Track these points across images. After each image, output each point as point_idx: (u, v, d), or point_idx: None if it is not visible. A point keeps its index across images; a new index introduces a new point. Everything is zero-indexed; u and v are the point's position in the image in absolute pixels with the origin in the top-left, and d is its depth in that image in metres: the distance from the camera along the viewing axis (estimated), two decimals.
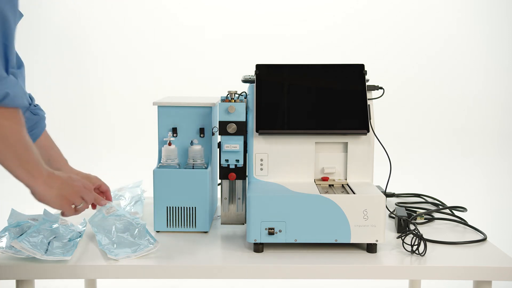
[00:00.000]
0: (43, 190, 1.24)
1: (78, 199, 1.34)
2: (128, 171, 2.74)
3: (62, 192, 1.29)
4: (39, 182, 1.22)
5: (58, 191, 1.28)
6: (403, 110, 3.27)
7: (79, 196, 1.34)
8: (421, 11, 3.27)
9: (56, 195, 1.27)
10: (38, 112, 1.54)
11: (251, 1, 3.24)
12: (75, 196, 1.33)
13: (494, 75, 3.29)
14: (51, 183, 1.25)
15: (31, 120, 1.51)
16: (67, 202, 1.31)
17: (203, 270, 1.34)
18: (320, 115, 1.50)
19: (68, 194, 1.30)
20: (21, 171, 1.18)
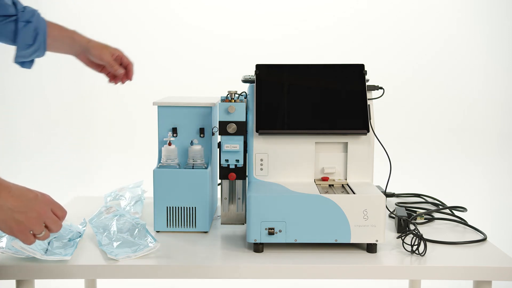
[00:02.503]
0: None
1: (38, 227, 1.09)
2: (128, 171, 2.75)
3: (16, 215, 1.05)
4: None
5: (11, 214, 1.05)
6: (403, 110, 3.27)
7: (41, 222, 1.09)
8: (421, 11, 3.27)
9: (6, 219, 1.05)
10: (29, 19, 1.41)
11: (251, 1, 3.24)
12: (34, 223, 1.08)
13: (494, 75, 3.29)
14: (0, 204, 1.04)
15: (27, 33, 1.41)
16: (22, 229, 1.07)
17: (203, 270, 1.34)
18: (320, 115, 1.50)
19: (24, 218, 1.06)
20: None
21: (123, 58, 1.59)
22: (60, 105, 3.09)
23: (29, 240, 1.09)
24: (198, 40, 3.02)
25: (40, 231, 1.10)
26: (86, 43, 1.55)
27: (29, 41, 1.45)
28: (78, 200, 1.92)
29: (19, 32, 1.43)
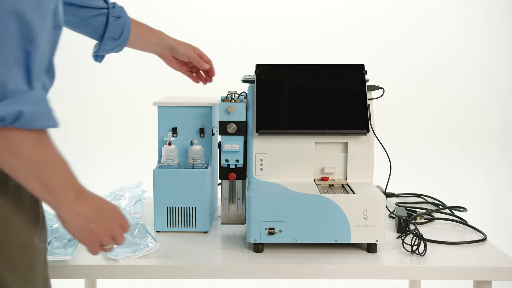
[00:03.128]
0: (67, 216, 1.01)
1: (108, 239, 1.09)
2: (128, 171, 2.75)
3: (91, 225, 1.04)
4: (63, 205, 0.99)
5: (87, 222, 1.03)
6: (403, 110, 3.28)
7: (110, 234, 1.09)
8: (420, 10, 3.27)
9: (82, 226, 1.03)
10: (119, 14, 1.47)
11: (251, 1, 3.24)
12: (105, 234, 1.07)
13: (495, 74, 3.29)
14: (78, 209, 1.01)
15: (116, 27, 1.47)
16: (94, 238, 1.06)
17: (203, 270, 1.34)
18: (320, 115, 1.50)
19: (98, 228, 1.05)
20: (41, 191, 0.97)
21: (203, 55, 1.64)
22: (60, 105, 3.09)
23: (97, 251, 1.09)
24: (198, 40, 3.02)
25: (108, 243, 1.09)
26: (173, 43, 1.60)
27: (115, 35, 1.50)
28: None
29: (109, 26, 1.48)
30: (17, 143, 0.90)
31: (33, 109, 0.90)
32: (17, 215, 1.00)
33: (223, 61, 2.91)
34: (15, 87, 0.88)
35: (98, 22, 1.49)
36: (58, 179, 0.97)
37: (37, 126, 0.91)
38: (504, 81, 3.29)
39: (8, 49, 0.87)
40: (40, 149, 0.93)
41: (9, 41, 0.87)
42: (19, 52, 0.89)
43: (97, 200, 1.06)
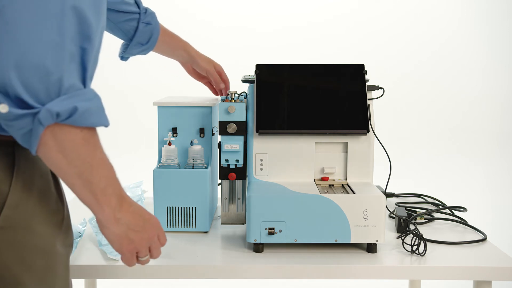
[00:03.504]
0: (107, 222, 0.99)
1: (145, 250, 1.06)
2: (128, 171, 2.74)
3: (130, 233, 1.01)
4: (105, 209, 0.97)
5: (126, 230, 1.01)
6: (403, 110, 3.28)
7: (148, 246, 1.06)
8: (420, 10, 3.27)
9: (121, 234, 1.01)
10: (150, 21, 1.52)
11: (251, 1, 3.24)
12: (143, 245, 1.05)
13: (495, 74, 3.29)
14: (119, 216, 0.99)
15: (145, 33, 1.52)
16: (131, 249, 1.04)
17: (203, 270, 1.34)
18: (320, 115, 1.50)
19: (136, 238, 1.03)
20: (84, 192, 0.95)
21: (222, 73, 1.71)
22: None
23: (132, 262, 1.06)
24: (198, 40, 3.02)
25: (145, 255, 1.07)
26: (196, 56, 1.68)
27: (143, 41, 1.57)
28: (78, 200, 1.91)
29: (138, 31, 1.54)
30: (68, 141, 0.88)
31: (87, 106, 0.88)
32: (40, 218, 0.99)
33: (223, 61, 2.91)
34: (70, 83, 0.87)
35: (129, 27, 1.54)
36: (103, 182, 0.95)
37: (90, 124, 0.90)
38: (504, 81, 3.29)
39: (66, 45, 0.86)
40: (89, 149, 0.92)
41: (67, 37, 0.86)
42: (76, 48, 0.88)
43: (138, 209, 1.04)
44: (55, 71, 0.85)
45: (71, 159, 0.90)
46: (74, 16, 0.86)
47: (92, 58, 0.92)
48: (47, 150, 0.88)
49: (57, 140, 0.87)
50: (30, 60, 0.83)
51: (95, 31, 0.90)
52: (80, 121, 0.88)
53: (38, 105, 0.84)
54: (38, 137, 0.86)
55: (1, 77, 0.82)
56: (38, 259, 0.99)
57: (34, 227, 0.98)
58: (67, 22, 0.85)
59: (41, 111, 0.84)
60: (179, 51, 1.67)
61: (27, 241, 0.97)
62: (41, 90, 0.84)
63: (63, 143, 0.88)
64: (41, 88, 0.84)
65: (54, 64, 0.85)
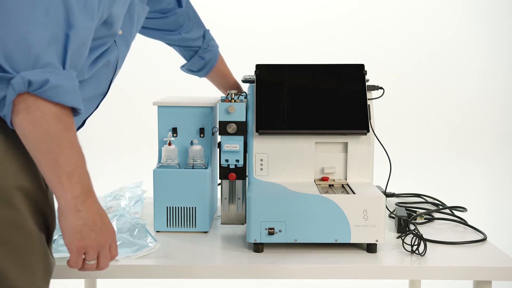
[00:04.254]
0: (67, 211, 1.00)
1: (93, 254, 1.06)
2: (128, 171, 2.75)
3: (84, 230, 1.02)
4: (67, 195, 0.99)
5: (82, 225, 1.02)
6: (403, 110, 3.28)
7: (97, 250, 1.07)
8: (420, 11, 3.27)
9: (76, 227, 1.01)
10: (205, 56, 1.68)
11: (251, 1, 3.24)
12: (94, 247, 1.05)
13: (495, 75, 3.29)
14: (80, 207, 1.00)
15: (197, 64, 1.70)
16: (80, 246, 1.04)
17: (203, 270, 1.34)
18: (320, 115, 1.50)
19: (89, 238, 1.03)
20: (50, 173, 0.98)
21: None
22: None
23: (78, 263, 1.06)
24: None
25: (92, 258, 1.07)
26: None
27: (194, 68, 1.75)
28: None
29: (192, 60, 1.73)
30: (39, 112, 0.94)
31: (59, 83, 0.94)
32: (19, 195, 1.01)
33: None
34: (48, 61, 0.94)
35: (187, 54, 1.74)
36: (70, 166, 0.98)
37: (60, 100, 0.95)
38: (504, 81, 3.29)
39: (51, 26, 0.94)
40: (60, 127, 0.96)
41: (53, 20, 0.94)
42: (60, 32, 0.95)
43: (100, 211, 1.05)
44: (36, 47, 0.93)
45: (40, 132, 0.94)
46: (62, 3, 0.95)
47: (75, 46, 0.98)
48: (20, 120, 0.94)
49: (29, 110, 0.93)
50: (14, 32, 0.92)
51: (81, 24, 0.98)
52: (51, 95, 0.93)
53: (13, 72, 0.92)
54: (11, 103, 0.92)
55: None
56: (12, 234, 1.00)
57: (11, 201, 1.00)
58: (54, 7, 0.94)
59: (15, 77, 0.91)
60: (223, 90, 1.80)
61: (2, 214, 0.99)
62: (20, 61, 0.92)
63: (35, 114, 0.93)
64: (20, 60, 0.92)
65: (36, 41, 0.93)
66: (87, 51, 1.04)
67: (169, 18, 1.63)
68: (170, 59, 1.86)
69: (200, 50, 1.71)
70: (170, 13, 1.62)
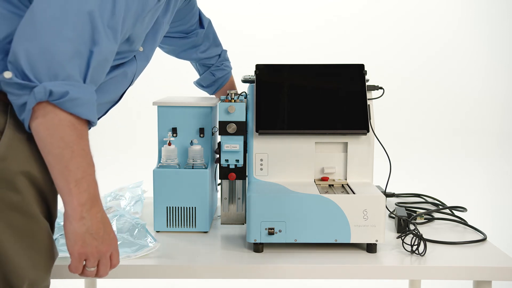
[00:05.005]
0: (71, 215, 1.03)
1: (94, 261, 1.09)
2: (128, 171, 2.75)
3: (87, 237, 1.05)
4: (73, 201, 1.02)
5: (85, 232, 1.05)
6: (403, 110, 3.28)
7: (98, 258, 1.09)
8: (422, 11, 3.26)
9: (79, 234, 1.04)
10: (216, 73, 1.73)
11: (252, 2, 3.24)
12: (94, 255, 1.08)
13: (495, 75, 3.29)
14: (85, 214, 1.04)
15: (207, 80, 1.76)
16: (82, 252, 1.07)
17: (203, 270, 1.34)
18: (320, 115, 1.50)
19: (91, 245, 1.06)
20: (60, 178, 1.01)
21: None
22: None
23: (78, 268, 1.09)
24: None
25: (92, 265, 1.10)
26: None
27: (204, 84, 1.80)
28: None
29: (202, 75, 1.79)
30: (56, 120, 0.99)
31: (79, 95, 1.00)
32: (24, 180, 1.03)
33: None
34: (70, 74, 0.99)
35: (200, 69, 1.80)
36: (79, 173, 1.02)
37: (77, 112, 1.00)
38: (504, 82, 3.29)
39: (76, 41, 1.00)
40: (74, 134, 1.01)
41: (79, 36, 1.00)
42: (84, 48, 1.01)
43: (104, 220, 1.08)
44: (59, 59, 0.98)
45: (55, 139, 0.99)
46: (88, 20, 1.00)
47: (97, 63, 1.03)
48: (37, 124, 0.98)
49: (46, 117, 0.98)
50: (41, 44, 0.97)
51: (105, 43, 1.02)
52: (69, 106, 0.98)
53: (36, 81, 0.97)
54: (31, 109, 0.98)
55: (15, 53, 0.97)
56: (16, 218, 1.02)
57: (17, 185, 1.02)
58: (81, 24, 1.00)
59: (38, 86, 0.96)
60: None
61: (7, 197, 1.01)
62: (43, 72, 0.97)
63: (52, 121, 0.98)
64: (44, 69, 0.97)
65: (60, 53, 0.98)
66: (108, 68, 1.09)
67: (189, 39, 1.69)
68: (171, 59, 1.86)
69: (212, 67, 1.77)
70: (191, 33, 1.68)
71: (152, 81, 3.06)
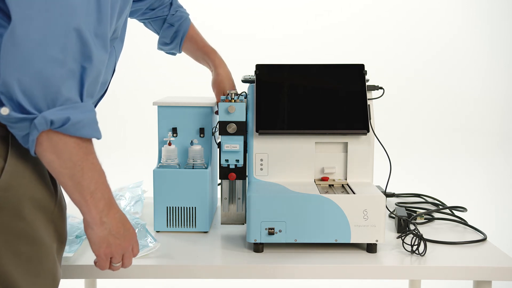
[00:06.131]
0: (92, 222, 1.08)
1: (119, 257, 1.15)
2: (128, 171, 2.75)
3: (110, 238, 1.11)
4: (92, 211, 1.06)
5: (108, 234, 1.10)
6: (403, 110, 3.28)
7: (122, 253, 1.15)
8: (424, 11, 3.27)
9: (103, 237, 1.10)
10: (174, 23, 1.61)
11: (252, 1, 3.24)
12: (118, 251, 1.14)
13: (495, 75, 3.29)
14: (104, 219, 1.08)
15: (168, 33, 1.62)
16: (107, 252, 1.13)
17: (203, 270, 1.34)
18: (320, 115, 1.50)
19: (115, 244, 1.12)
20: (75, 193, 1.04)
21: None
22: None
23: (106, 266, 1.15)
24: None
25: (118, 261, 1.16)
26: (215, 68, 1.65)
27: (167, 40, 1.67)
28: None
29: (162, 31, 1.67)
30: (61, 144, 0.98)
31: (80, 118, 0.98)
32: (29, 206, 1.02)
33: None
34: (68, 96, 0.96)
35: (157, 25, 1.68)
36: (92, 185, 1.03)
37: (81, 134, 0.99)
38: (505, 82, 3.29)
39: (68, 62, 0.95)
40: (81, 153, 1.00)
41: (69, 56, 0.95)
42: (76, 66, 0.97)
43: (122, 218, 1.13)
44: (54, 84, 0.94)
45: (63, 161, 0.98)
46: (76, 37, 0.95)
47: (91, 78, 1.00)
48: (43, 150, 0.97)
49: (51, 143, 0.97)
50: (33, 72, 0.93)
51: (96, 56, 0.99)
52: (72, 130, 0.97)
53: (35, 112, 0.94)
54: (34, 140, 0.96)
55: (6, 84, 0.92)
56: (23, 246, 1.02)
57: (23, 213, 1.01)
58: (70, 42, 0.95)
59: (37, 118, 0.94)
60: (203, 63, 1.70)
61: (14, 226, 1.01)
62: (40, 100, 0.94)
63: (57, 146, 0.97)
64: (40, 98, 0.94)
65: (54, 78, 0.94)
66: (101, 77, 1.07)
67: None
68: (171, 59, 1.86)
69: (168, 17, 1.65)
70: None
71: (152, 81, 3.07)
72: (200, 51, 1.68)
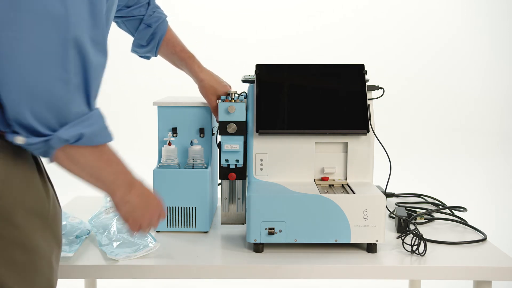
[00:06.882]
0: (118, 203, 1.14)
1: (146, 224, 1.23)
2: None
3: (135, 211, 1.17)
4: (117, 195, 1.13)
5: (133, 210, 1.17)
6: (403, 110, 3.28)
7: (149, 221, 1.22)
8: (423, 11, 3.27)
9: (128, 212, 1.16)
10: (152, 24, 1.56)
11: (252, 1, 3.24)
12: (145, 221, 1.21)
13: (495, 75, 3.29)
14: (127, 199, 1.14)
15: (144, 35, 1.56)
16: (135, 223, 1.20)
17: (203, 270, 1.34)
18: (320, 115, 1.50)
19: (140, 215, 1.19)
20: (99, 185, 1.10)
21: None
22: None
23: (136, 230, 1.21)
24: (198, 40, 3.02)
25: (146, 227, 1.22)
26: (196, 75, 1.62)
27: (143, 42, 1.61)
28: (78, 200, 1.92)
29: (137, 32, 1.60)
30: (78, 155, 1.02)
31: (92, 130, 1.00)
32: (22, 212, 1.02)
33: (223, 61, 2.91)
34: (77, 111, 0.98)
35: (132, 25, 1.61)
36: (111, 176, 1.09)
37: (95, 143, 1.03)
38: (504, 82, 3.29)
39: (71, 78, 0.95)
40: (96, 157, 1.05)
41: (71, 72, 0.95)
42: (80, 79, 0.97)
43: (144, 192, 1.18)
44: (64, 103, 0.96)
45: (81, 166, 1.04)
46: (75, 49, 0.94)
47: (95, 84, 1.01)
48: (60, 162, 1.02)
49: (68, 156, 1.01)
50: (39, 95, 0.93)
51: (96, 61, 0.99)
52: (86, 142, 1.01)
53: (49, 132, 0.96)
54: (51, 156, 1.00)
55: (15, 111, 0.93)
56: (18, 254, 1.01)
57: (16, 220, 1.00)
58: (69, 57, 0.94)
59: (52, 139, 0.96)
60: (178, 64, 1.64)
61: (6, 234, 1.00)
62: (51, 120, 0.95)
63: (74, 157, 1.02)
64: (51, 118, 0.95)
65: (61, 97, 0.95)
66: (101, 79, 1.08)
67: None
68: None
69: (145, 17, 1.58)
70: None
71: (152, 81, 3.07)
72: (177, 56, 1.62)
